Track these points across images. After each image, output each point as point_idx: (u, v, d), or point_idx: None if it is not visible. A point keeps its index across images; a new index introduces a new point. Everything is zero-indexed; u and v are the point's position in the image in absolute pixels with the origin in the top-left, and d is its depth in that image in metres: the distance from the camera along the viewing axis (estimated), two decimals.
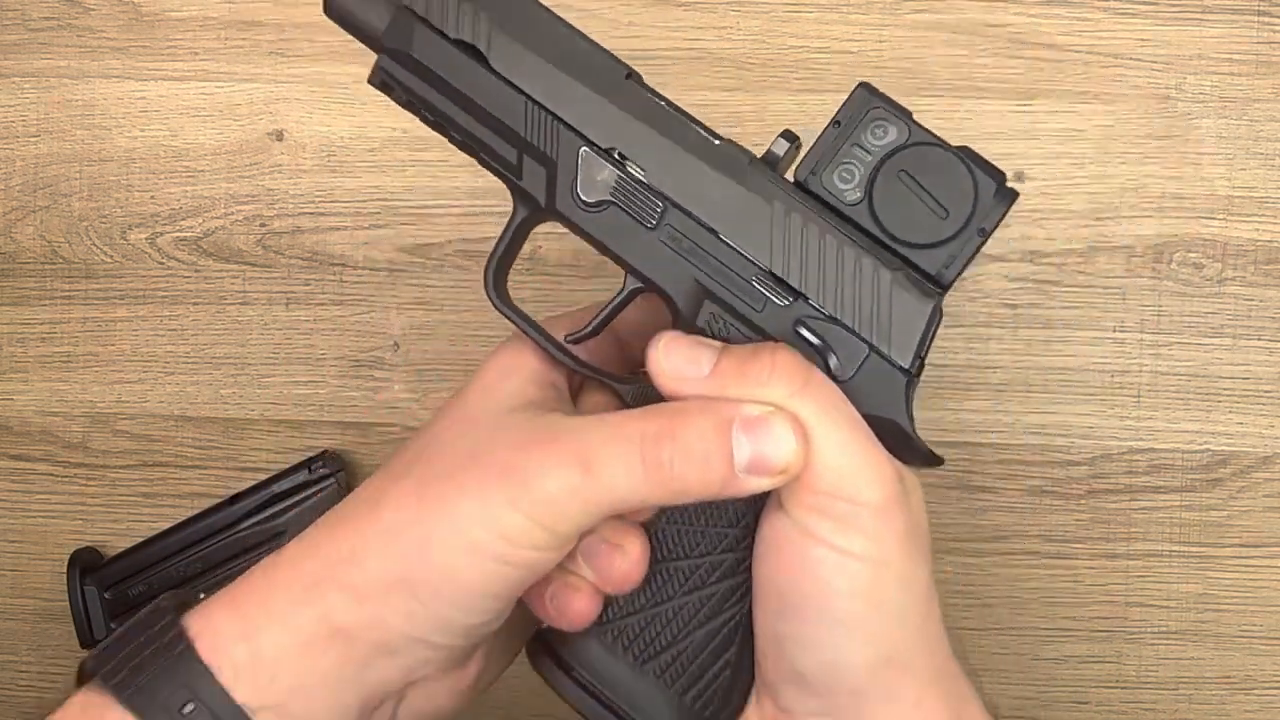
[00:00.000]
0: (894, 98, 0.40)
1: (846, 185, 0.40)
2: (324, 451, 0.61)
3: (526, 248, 0.61)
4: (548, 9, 0.41)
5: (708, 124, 0.41)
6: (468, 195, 0.61)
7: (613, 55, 0.41)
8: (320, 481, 0.61)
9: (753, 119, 0.60)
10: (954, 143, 0.40)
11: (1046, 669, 0.60)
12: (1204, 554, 0.59)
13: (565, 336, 0.42)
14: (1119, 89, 0.59)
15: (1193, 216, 0.59)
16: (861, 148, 0.39)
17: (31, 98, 0.63)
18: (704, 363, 0.38)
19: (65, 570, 0.62)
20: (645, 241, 0.40)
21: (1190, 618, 0.60)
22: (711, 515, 0.39)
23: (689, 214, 0.40)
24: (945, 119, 0.59)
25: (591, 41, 0.41)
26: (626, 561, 0.38)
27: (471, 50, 0.40)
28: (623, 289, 0.42)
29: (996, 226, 0.39)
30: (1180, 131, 0.59)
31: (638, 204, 0.40)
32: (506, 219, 0.43)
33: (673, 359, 0.38)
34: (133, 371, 0.63)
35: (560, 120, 0.40)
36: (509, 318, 0.42)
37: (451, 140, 0.42)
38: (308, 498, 0.61)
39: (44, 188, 0.63)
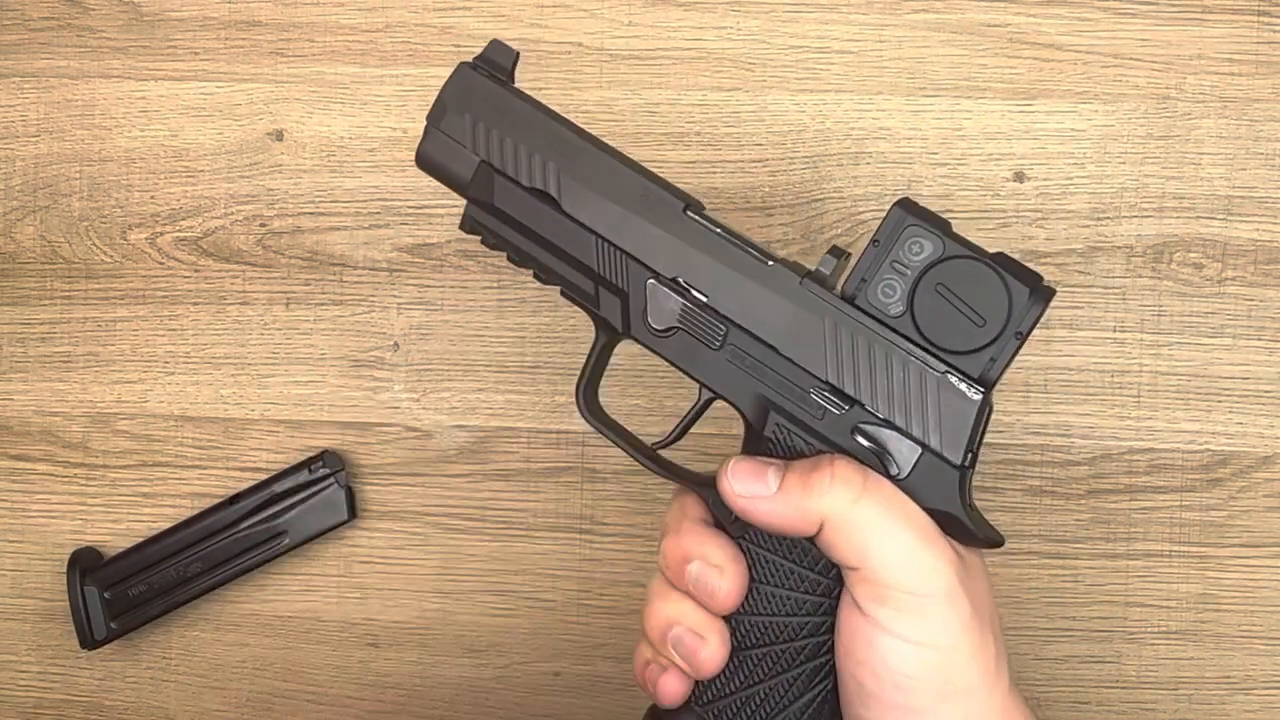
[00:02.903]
0: (927, 213, 0.42)
1: (889, 299, 0.42)
2: (324, 451, 0.61)
3: None
4: (611, 151, 0.44)
5: (759, 243, 0.44)
6: None
7: (673, 188, 0.44)
8: (320, 481, 0.61)
9: (752, 119, 0.60)
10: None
11: (1046, 669, 0.60)
12: (1204, 554, 0.59)
13: (652, 444, 0.46)
14: (1119, 89, 0.59)
15: (1193, 216, 0.59)
16: (900, 263, 0.42)
17: (31, 98, 0.63)
18: (771, 481, 0.41)
19: (65, 570, 0.62)
20: (713, 360, 0.44)
21: (1190, 618, 0.60)
22: (792, 607, 0.42)
23: (749, 333, 0.43)
24: (945, 119, 0.59)
25: (653, 176, 0.44)
26: (707, 650, 0.42)
27: (545, 196, 0.44)
28: (699, 398, 0.45)
29: (1034, 328, 0.41)
30: (1180, 131, 0.59)
31: (703, 327, 0.44)
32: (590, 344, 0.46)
33: (741, 481, 0.42)
34: (133, 371, 0.63)
35: (627, 254, 0.44)
36: (602, 432, 0.46)
37: (536, 276, 0.45)
38: (308, 498, 0.61)
39: (44, 188, 0.63)
